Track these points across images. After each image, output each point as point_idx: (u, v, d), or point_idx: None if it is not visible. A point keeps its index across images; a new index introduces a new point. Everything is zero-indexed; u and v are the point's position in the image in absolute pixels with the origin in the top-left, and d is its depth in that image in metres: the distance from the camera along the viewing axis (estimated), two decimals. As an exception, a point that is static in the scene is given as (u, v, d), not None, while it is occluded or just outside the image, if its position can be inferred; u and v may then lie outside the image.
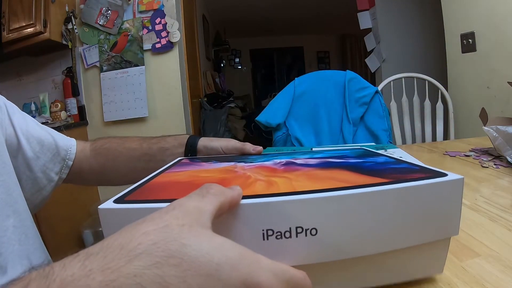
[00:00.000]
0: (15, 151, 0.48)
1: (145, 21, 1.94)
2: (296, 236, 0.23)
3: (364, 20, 2.46)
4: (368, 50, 2.54)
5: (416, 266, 0.28)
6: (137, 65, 1.96)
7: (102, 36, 1.95)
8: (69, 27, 1.88)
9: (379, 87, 1.32)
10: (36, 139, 0.51)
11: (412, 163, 0.33)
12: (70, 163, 0.55)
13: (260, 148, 0.52)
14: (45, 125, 0.55)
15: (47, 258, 0.45)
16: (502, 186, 0.54)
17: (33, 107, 1.88)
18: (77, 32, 1.93)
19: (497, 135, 0.68)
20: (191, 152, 0.54)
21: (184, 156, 0.53)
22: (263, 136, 1.26)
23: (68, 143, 0.56)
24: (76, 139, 0.58)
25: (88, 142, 0.59)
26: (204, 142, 0.54)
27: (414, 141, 1.50)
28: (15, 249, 0.38)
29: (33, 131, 0.51)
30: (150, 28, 1.94)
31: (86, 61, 1.97)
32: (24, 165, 0.49)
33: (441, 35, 1.73)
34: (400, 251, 0.26)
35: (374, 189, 0.25)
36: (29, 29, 1.69)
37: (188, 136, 0.55)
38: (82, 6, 1.93)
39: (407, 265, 0.28)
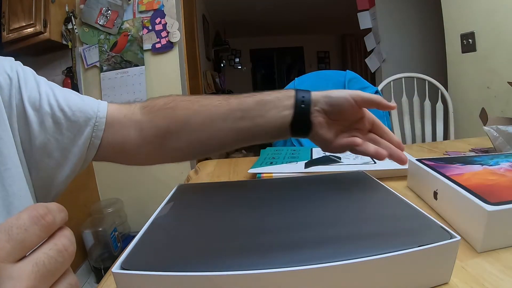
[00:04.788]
0: (28, 136, 0.39)
1: (145, 21, 1.94)
2: None
3: (364, 20, 2.46)
4: (368, 50, 2.54)
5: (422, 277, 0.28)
6: (137, 65, 1.96)
7: (102, 36, 1.95)
8: (69, 27, 1.88)
9: (379, 87, 1.32)
10: (51, 116, 0.40)
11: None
12: (97, 141, 0.43)
13: (394, 104, 0.44)
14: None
15: None
16: (502, 186, 0.54)
17: (33, 107, 1.88)
18: (77, 32, 1.93)
19: (497, 135, 0.68)
20: (304, 103, 0.41)
21: (294, 112, 0.41)
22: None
23: (95, 112, 0.43)
24: (109, 103, 0.45)
25: (135, 104, 0.46)
26: (321, 93, 0.42)
27: (414, 141, 1.50)
28: None
29: (47, 105, 0.40)
30: (150, 28, 1.94)
31: (86, 61, 1.97)
32: (41, 152, 0.40)
33: (441, 35, 1.73)
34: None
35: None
36: (29, 29, 1.69)
37: (291, 89, 0.43)
38: (82, 6, 1.92)
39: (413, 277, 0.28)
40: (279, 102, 0.42)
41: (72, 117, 0.41)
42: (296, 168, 0.63)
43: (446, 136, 1.50)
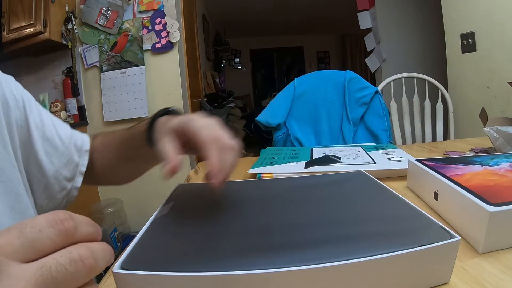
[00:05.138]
0: (28, 152, 0.44)
1: (145, 21, 1.94)
2: None
3: (364, 20, 2.46)
4: (368, 50, 2.54)
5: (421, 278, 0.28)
6: (137, 65, 1.96)
7: (102, 36, 1.95)
8: (69, 27, 1.88)
9: (379, 87, 1.32)
10: (51, 141, 0.47)
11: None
12: (83, 169, 0.50)
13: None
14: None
15: None
16: (502, 186, 0.54)
17: (33, 107, 1.88)
18: (77, 32, 1.93)
19: (497, 135, 0.68)
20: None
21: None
22: (263, 136, 1.26)
23: (82, 144, 0.51)
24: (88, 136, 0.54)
25: (91, 139, 0.54)
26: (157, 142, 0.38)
27: (414, 141, 1.50)
28: None
29: (49, 132, 0.47)
30: (150, 28, 1.94)
31: (86, 61, 1.97)
32: (36, 169, 0.45)
33: (441, 35, 1.73)
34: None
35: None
36: (29, 29, 1.69)
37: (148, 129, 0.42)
38: (82, 6, 1.93)
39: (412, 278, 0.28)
40: (145, 149, 0.43)
41: (69, 145, 0.49)
42: (296, 168, 0.63)
43: (446, 136, 1.50)
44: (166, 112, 0.43)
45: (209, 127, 0.35)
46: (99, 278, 0.34)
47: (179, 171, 0.32)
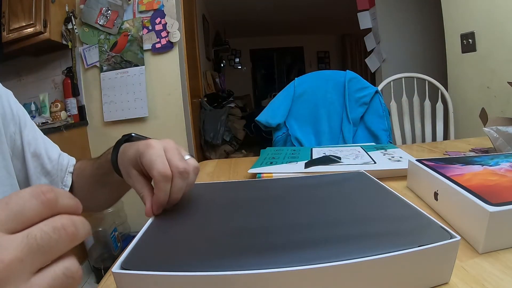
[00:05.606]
0: (20, 166, 0.49)
1: (145, 21, 1.94)
2: None
3: (364, 20, 2.46)
4: (368, 50, 2.54)
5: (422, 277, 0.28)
6: (137, 65, 1.96)
7: (102, 36, 1.95)
8: (69, 27, 1.88)
9: (379, 87, 1.32)
10: (40, 159, 0.51)
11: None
12: (67, 189, 0.53)
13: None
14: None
15: None
16: (502, 186, 0.54)
17: (33, 107, 1.88)
18: (77, 32, 1.93)
19: (497, 135, 0.68)
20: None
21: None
22: (263, 136, 1.26)
23: (67, 166, 0.54)
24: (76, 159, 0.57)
25: (76, 163, 0.57)
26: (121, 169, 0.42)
27: (414, 141, 1.50)
28: None
29: (39, 150, 0.51)
30: (150, 28, 1.94)
31: (86, 61, 1.97)
32: (25, 181, 0.50)
33: (441, 35, 1.73)
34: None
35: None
36: (29, 29, 1.69)
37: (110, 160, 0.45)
38: (82, 6, 1.92)
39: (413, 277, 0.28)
40: (116, 175, 0.45)
41: (56, 165, 0.53)
42: (296, 168, 0.63)
43: (446, 136, 1.49)
44: (128, 138, 0.45)
45: (161, 158, 0.36)
46: (99, 278, 0.34)
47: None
